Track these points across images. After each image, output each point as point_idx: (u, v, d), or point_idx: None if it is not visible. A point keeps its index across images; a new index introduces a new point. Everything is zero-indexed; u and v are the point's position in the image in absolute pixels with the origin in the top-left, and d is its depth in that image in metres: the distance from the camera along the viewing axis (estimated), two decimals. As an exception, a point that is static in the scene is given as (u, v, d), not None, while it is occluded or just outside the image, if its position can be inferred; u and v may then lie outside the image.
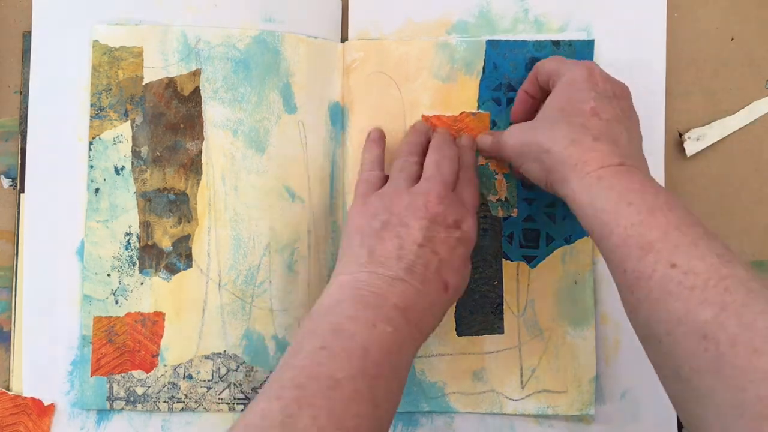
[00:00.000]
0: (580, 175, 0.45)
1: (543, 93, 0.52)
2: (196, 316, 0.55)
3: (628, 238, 0.42)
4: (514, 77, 0.56)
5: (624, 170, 0.44)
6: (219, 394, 0.54)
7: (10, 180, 0.56)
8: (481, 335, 0.56)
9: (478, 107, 0.56)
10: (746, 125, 0.57)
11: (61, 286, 0.55)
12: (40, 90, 0.55)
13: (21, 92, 0.56)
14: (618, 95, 0.49)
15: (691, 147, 0.56)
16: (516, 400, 0.55)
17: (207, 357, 0.54)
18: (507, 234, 0.56)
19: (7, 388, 0.55)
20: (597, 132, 0.46)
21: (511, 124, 0.56)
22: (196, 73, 0.55)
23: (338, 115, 0.57)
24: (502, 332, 0.56)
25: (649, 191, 0.43)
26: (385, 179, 0.51)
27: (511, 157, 0.51)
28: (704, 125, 0.57)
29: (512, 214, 0.56)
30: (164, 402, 0.54)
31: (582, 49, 0.56)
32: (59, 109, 0.55)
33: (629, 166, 0.45)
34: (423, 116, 0.56)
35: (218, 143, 0.55)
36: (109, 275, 0.55)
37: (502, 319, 0.56)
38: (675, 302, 0.39)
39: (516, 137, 0.50)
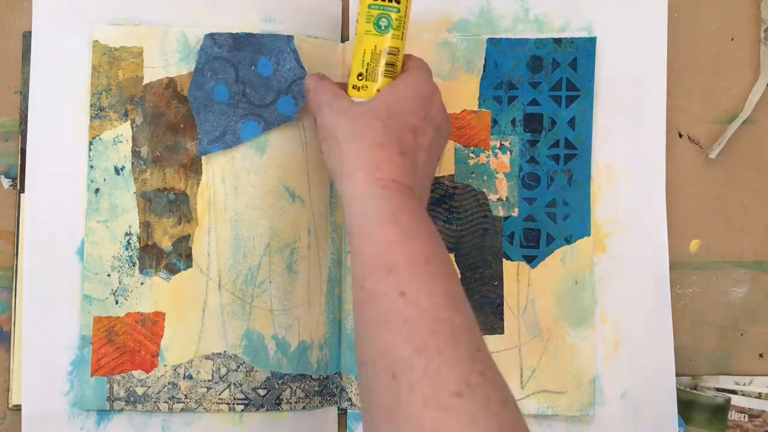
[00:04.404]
0: (368, 178, 0.43)
1: None
2: (196, 316, 0.55)
3: (380, 255, 0.41)
4: (515, 75, 0.56)
5: (409, 193, 0.43)
6: (219, 394, 0.54)
7: (10, 180, 0.56)
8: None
9: (479, 105, 0.56)
10: (746, 125, 0.57)
11: (61, 286, 0.55)
12: (40, 90, 0.55)
13: (21, 92, 0.56)
14: (441, 132, 0.48)
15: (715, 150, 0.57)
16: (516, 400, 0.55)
17: (207, 357, 0.54)
18: (507, 234, 0.56)
19: (7, 389, 0.55)
20: (405, 148, 0.44)
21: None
22: (196, 73, 0.55)
23: (338, 115, 0.57)
24: (502, 332, 0.56)
25: (420, 220, 0.42)
26: None
27: (316, 111, 0.48)
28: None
29: (513, 214, 0.56)
30: (164, 402, 0.54)
31: (584, 47, 0.56)
32: (59, 109, 0.55)
33: (416, 193, 0.44)
34: (423, 115, 0.56)
35: (218, 143, 0.55)
36: (109, 275, 0.55)
37: (502, 319, 0.56)
38: (387, 332, 0.38)
39: (335, 108, 0.46)
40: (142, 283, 0.55)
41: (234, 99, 0.54)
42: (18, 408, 0.55)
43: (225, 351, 0.55)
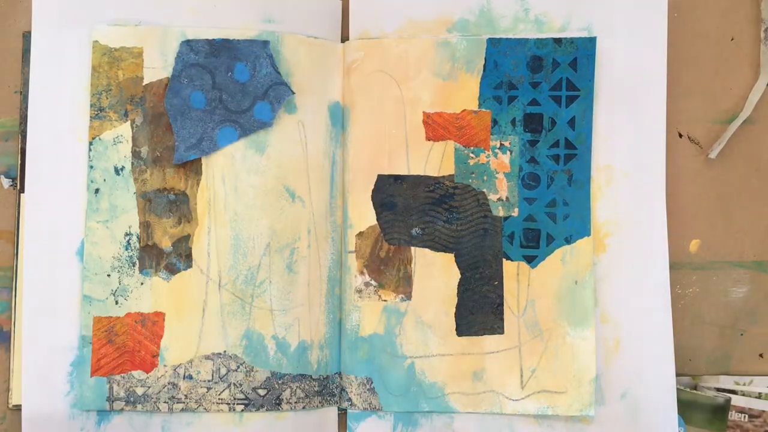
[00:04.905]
0: None
1: None
2: (196, 316, 0.55)
3: None
4: (515, 75, 0.56)
5: None
6: (219, 394, 0.55)
7: (10, 180, 0.56)
8: (481, 335, 0.56)
9: (479, 105, 0.56)
10: (746, 125, 0.57)
11: (61, 286, 0.55)
12: (40, 90, 0.55)
13: (21, 92, 0.56)
14: None
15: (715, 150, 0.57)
16: (516, 400, 0.55)
17: (207, 357, 0.54)
18: (507, 234, 0.56)
19: (7, 389, 0.55)
20: None
21: (512, 126, 0.56)
22: (195, 73, 0.55)
23: (338, 115, 0.57)
24: (502, 332, 0.56)
25: None
26: None
27: None
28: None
29: (513, 214, 0.56)
30: (164, 402, 0.54)
31: (584, 47, 0.56)
32: (59, 109, 0.55)
33: None
34: (424, 113, 0.56)
35: (218, 143, 0.55)
36: (109, 275, 0.55)
37: (502, 319, 0.56)
38: None
39: None
40: (141, 283, 0.55)
41: (211, 105, 0.54)
42: (18, 408, 0.55)
43: (225, 351, 0.55)
